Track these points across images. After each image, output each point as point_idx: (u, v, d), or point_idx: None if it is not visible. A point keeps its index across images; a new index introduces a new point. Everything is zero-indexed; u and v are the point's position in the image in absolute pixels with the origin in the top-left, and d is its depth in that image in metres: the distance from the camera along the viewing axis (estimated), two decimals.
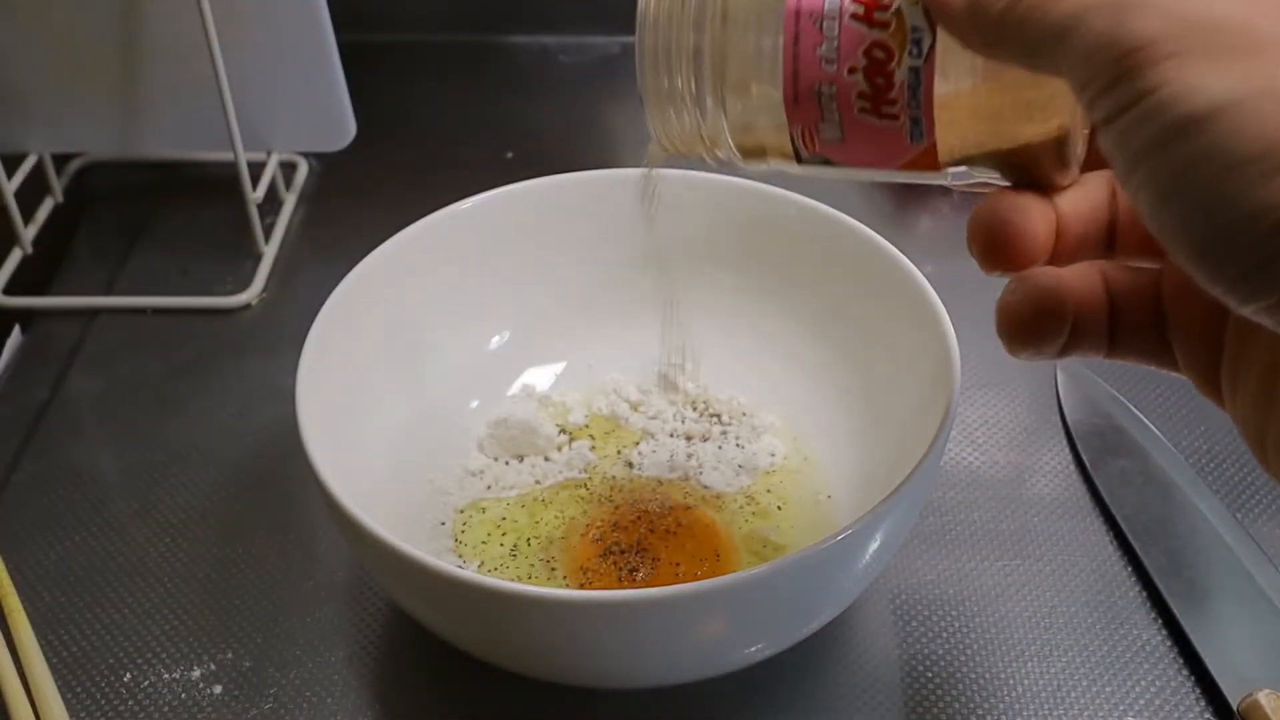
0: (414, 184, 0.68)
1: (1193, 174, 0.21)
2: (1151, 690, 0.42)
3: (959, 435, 0.52)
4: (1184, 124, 0.21)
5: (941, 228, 0.64)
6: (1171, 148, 0.21)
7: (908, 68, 0.27)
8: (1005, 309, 0.28)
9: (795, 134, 0.30)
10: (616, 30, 0.80)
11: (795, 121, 0.29)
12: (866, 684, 0.42)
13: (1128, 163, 0.22)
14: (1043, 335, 0.28)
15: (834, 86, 0.28)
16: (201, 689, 0.42)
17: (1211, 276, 0.22)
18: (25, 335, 0.58)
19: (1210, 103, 0.21)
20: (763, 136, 0.30)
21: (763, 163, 0.32)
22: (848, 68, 0.28)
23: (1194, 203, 0.21)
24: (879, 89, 0.28)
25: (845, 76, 0.28)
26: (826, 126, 0.29)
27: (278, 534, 0.48)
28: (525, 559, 0.44)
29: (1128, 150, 0.22)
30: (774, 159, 0.31)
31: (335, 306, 0.44)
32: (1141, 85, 0.21)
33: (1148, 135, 0.21)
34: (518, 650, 0.38)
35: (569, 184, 0.50)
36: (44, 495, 0.50)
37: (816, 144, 0.30)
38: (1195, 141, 0.21)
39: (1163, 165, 0.21)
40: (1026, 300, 0.28)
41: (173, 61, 0.57)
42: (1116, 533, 0.47)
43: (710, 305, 0.51)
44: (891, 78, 0.28)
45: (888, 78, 0.28)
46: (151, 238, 0.64)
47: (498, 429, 0.48)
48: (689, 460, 0.48)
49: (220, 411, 0.54)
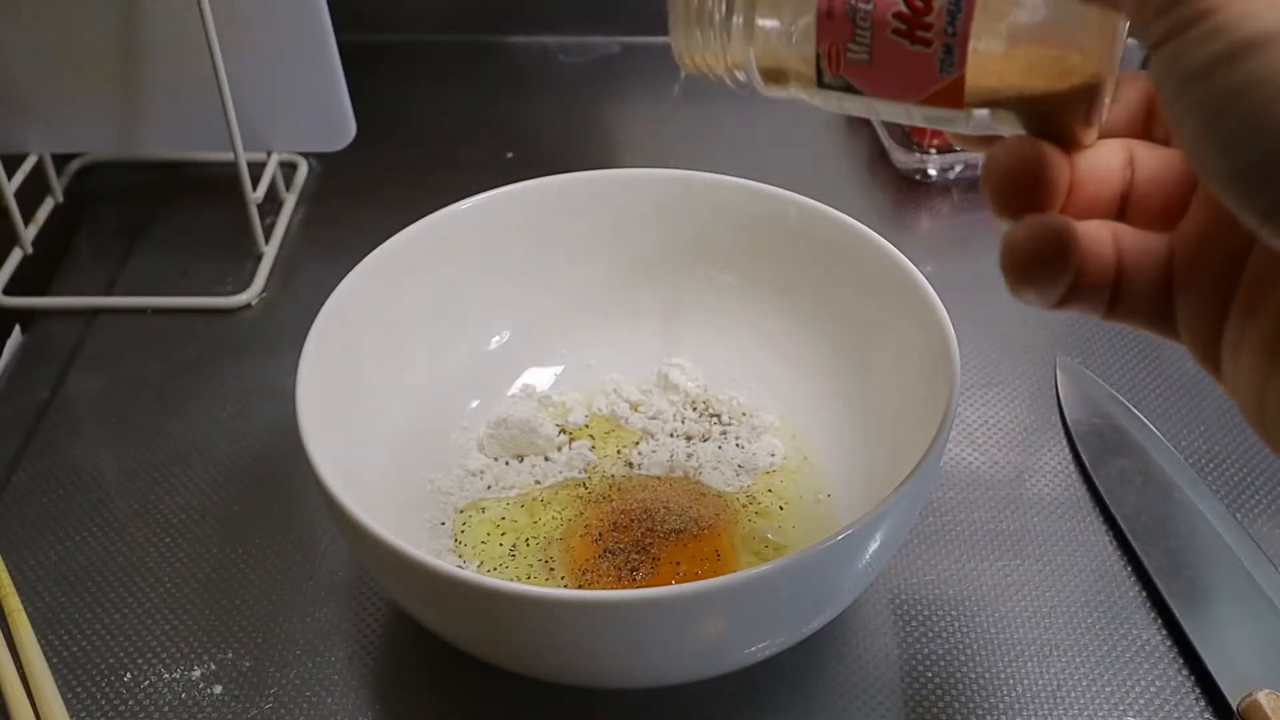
0: (414, 184, 0.68)
1: (1245, 97, 0.21)
2: (1151, 690, 0.42)
3: (959, 435, 0.52)
4: (1241, 47, 0.21)
5: (941, 228, 0.65)
6: (1226, 70, 0.21)
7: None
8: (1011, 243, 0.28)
9: (822, 51, 0.29)
10: (616, 30, 0.80)
11: (824, 37, 0.28)
12: (866, 684, 0.42)
13: (1178, 84, 0.22)
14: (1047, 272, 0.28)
15: (871, 4, 0.27)
16: (201, 689, 0.42)
17: (1250, 205, 0.22)
18: (25, 335, 0.58)
19: (1269, 27, 0.21)
20: (787, 54, 0.30)
21: (783, 89, 0.31)
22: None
23: (1242, 127, 0.21)
24: (916, 11, 0.27)
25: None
26: (855, 47, 0.28)
27: (278, 534, 0.48)
28: (524, 559, 0.44)
29: (1180, 71, 0.22)
30: (794, 84, 0.30)
31: (335, 306, 0.44)
32: (1202, 5, 0.22)
33: (1203, 57, 0.21)
34: (518, 650, 0.38)
35: (569, 184, 0.50)
36: (44, 495, 0.50)
37: (841, 64, 0.29)
38: (1250, 65, 0.21)
39: (1215, 87, 0.21)
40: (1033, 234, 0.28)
41: (173, 61, 0.57)
42: (1116, 533, 0.47)
43: (710, 305, 0.52)
44: (931, 1, 0.27)
45: (926, 1, 0.27)
46: (151, 238, 0.64)
47: (498, 429, 0.48)
48: (689, 460, 0.47)
49: (220, 411, 0.54)
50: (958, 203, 0.65)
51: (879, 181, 0.67)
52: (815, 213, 0.48)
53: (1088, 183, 0.28)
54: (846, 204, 0.48)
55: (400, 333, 0.48)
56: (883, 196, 0.66)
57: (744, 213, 0.50)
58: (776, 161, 0.58)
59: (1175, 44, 0.22)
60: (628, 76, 0.78)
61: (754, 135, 0.69)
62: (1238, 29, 0.21)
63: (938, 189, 0.66)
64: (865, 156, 0.69)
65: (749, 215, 0.50)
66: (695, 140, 0.68)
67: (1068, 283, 0.28)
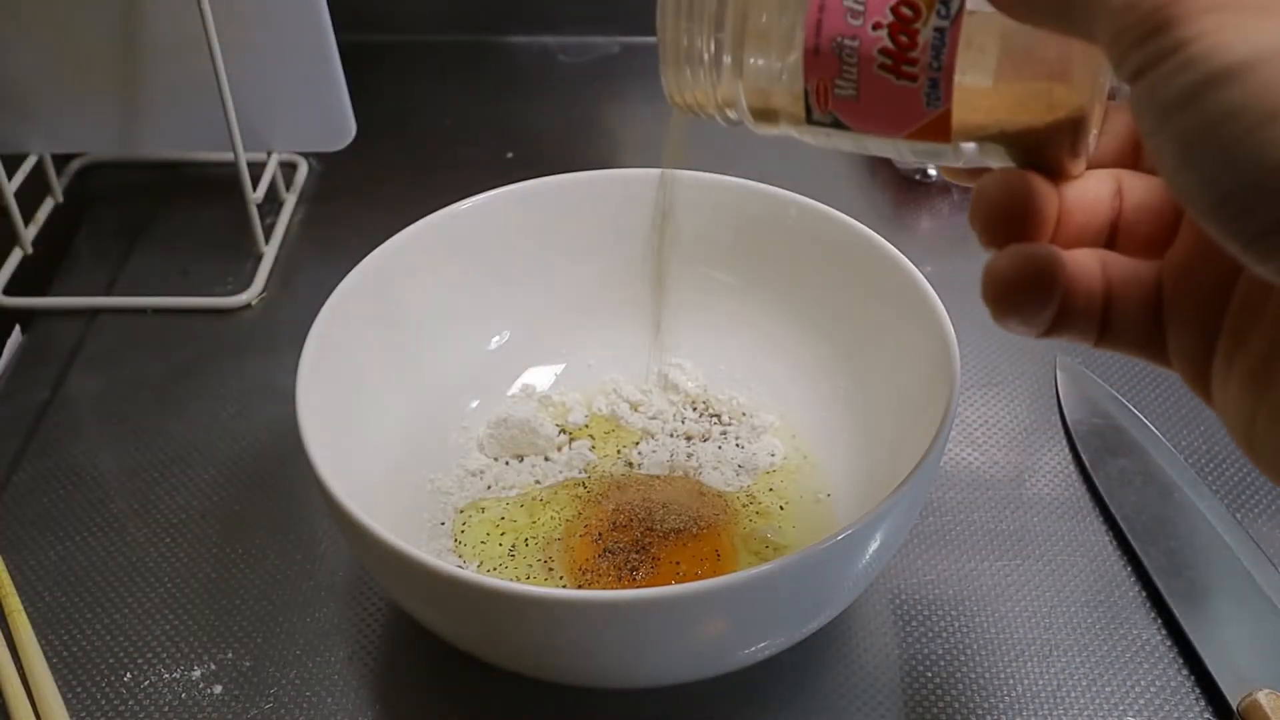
0: (414, 184, 0.68)
1: (1223, 127, 0.21)
2: (1151, 690, 0.42)
3: (959, 435, 0.52)
4: (1218, 77, 0.21)
5: (941, 228, 0.65)
6: (1204, 100, 0.21)
7: (933, 27, 0.27)
8: (993, 271, 0.28)
9: (810, 88, 0.29)
10: (616, 30, 0.80)
11: (812, 74, 0.29)
12: (866, 684, 0.42)
13: (1157, 116, 0.22)
14: (1029, 301, 0.28)
15: (857, 41, 0.28)
16: (201, 689, 0.42)
17: (1232, 233, 0.22)
18: (25, 335, 0.58)
19: (1245, 56, 0.21)
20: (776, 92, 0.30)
21: (773, 126, 0.31)
22: (873, 23, 0.27)
23: (1222, 156, 0.21)
24: (901, 47, 0.27)
25: (869, 32, 0.27)
26: (842, 83, 0.28)
27: (278, 534, 0.48)
28: (523, 559, 0.44)
29: (1158, 103, 0.22)
30: (784, 121, 0.31)
31: (335, 306, 0.44)
32: (1178, 37, 0.22)
33: (1180, 87, 0.22)
34: (517, 650, 0.38)
35: (569, 184, 0.50)
36: (44, 495, 0.50)
37: (829, 101, 0.29)
38: (1228, 94, 0.21)
39: (1193, 117, 0.21)
40: (1015, 263, 0.28)
41: (173, 61, 0.57)
42: (1116, 533, 0.47)
43: (710, 305, 0.51)
44: (915, 36, 0.27)
45: (911, 36, 0.27)
46: (152, 238, 0.64)
47: (498, 429, 0.48)
48: (689, 460, 0.48)
49: (220, 411, 0.54)
50: (958, 203, 0.65)
51: (879, 181, 0.67)
52: (815, 213, 0.48)
53: (1076, 213, 0.29)
54: (846, 204, 0.48)
55: (400, 333, 0.48)
56: (883, 196, 0.66)
57: (744, 213, 0.50)
58: (776, 161, 0.58)
59: (1152, 76, 0.22)
60: (628, 76, 0.78)
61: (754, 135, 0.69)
62: (1212, 59, 0.21)
63: (938, 189, 0.66)
64: (865, 157, 0.69)
65: (749, 215, 0.50)
66: (695, 140, 0.68)
67: (1053, 310, 0.28)
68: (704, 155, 0.54)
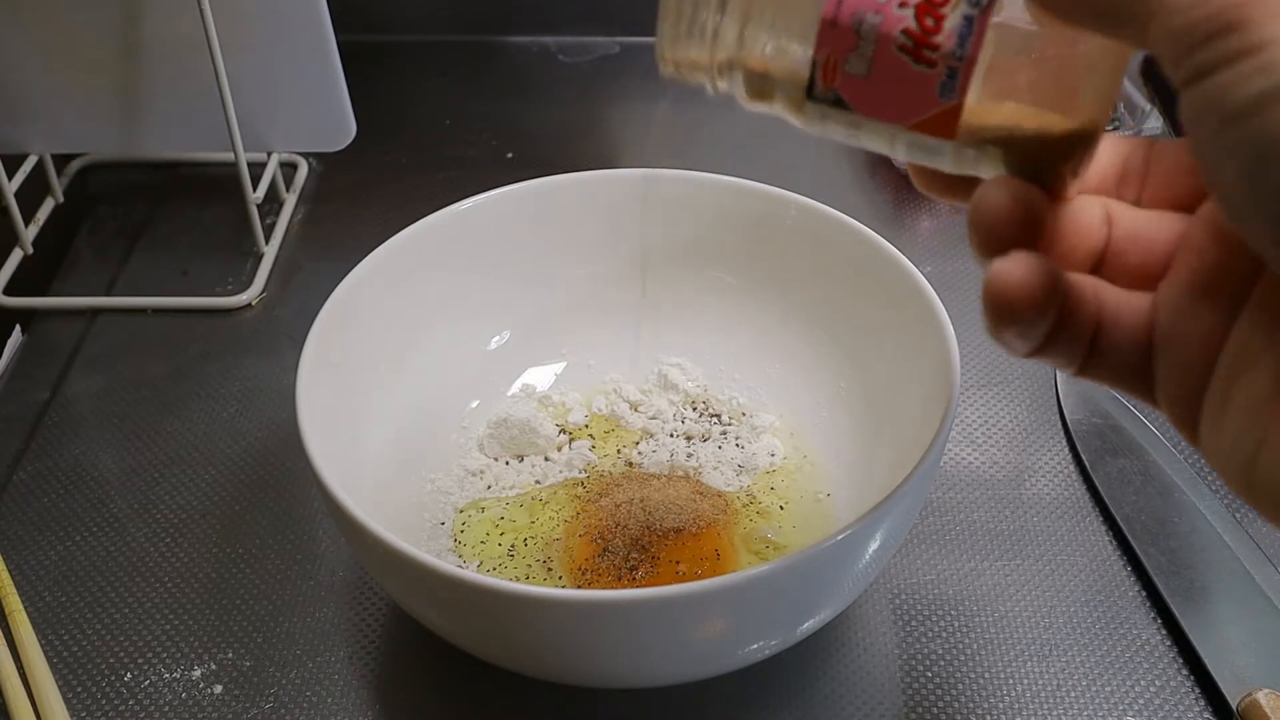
0: (414, 184, 0.68)
1: None
2: (1151, 690, 0.42)
3: (959, 435, 0.52)
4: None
5: (941, 228, 0.65)
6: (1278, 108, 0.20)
7: (962, 14, 0.26)
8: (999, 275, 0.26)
9: (819, 59, 0.28)
10: (616, 30, 0.80)
11: (824, 46, 0.27)
12: (866, 684, 0.42)
13: (1223, 120, 0.21)
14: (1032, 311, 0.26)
15: (880, 17, 0.26)
16: (202, 689, 0.42)
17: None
18: (25, 335, 0.58)
19: None
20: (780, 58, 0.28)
21: (765, 101, 0.30)
22: (899, 0, 0.26)
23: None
24: (926, 30, 0.26)
25: (895, 10, 0.26)
26: (855, 59, 0.27)
27: (278, 534, 0.48)
28: (523, 559, 0.44)
29: (1226, 106, 0.21)
30: (779, 95, 0.29)
31: (335, 306, 0.44)
32: (1252, 39, 0.21)
33: (1252, 93, 0.21)
34: (517, 650, 0.38)
35: (569, 184, 0.50)
36: (44, 495, 0.50)
37: (836, 76, 0.27)
38: None
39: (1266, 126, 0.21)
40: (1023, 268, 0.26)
41: (173, 61, 0.57)
42: (1116, 532, 0.47)
43: (711, 305, 0.52)
44: (942, 21, 0.26)
45: (938, 20, 0.26)
46: (151, 238, 0.64)
47: (498, 429, 0.48)
48: (689, 460, 0.48)
49: (220, 411, 0.54)
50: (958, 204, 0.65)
51: (879, 181, 0.67)
52: (815, 213, 0.48)
53: (1067, 234, 0.28)
54: (846, 204, 0.48)
55: (400, 332, 0.48)
56: (883, 196, 0.66)
57: (744, 213, 0.50)
58: (776, 161, 0.58)
59: (1218, 78, 0.21)
60: (627, 76, 0.78)
61: (754, 135, 0.69)
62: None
63: None
64: (865, 156, 0.69)
65: (749, 215, 0.50)
66: (695, 140, 0.68)
67: (1049, 324, 0.27)
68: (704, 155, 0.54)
